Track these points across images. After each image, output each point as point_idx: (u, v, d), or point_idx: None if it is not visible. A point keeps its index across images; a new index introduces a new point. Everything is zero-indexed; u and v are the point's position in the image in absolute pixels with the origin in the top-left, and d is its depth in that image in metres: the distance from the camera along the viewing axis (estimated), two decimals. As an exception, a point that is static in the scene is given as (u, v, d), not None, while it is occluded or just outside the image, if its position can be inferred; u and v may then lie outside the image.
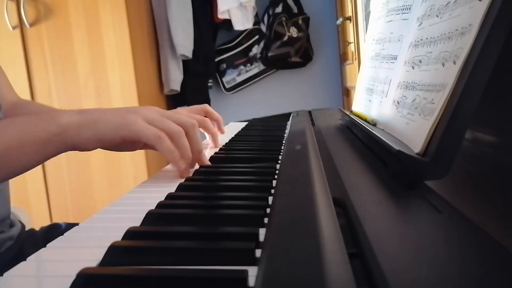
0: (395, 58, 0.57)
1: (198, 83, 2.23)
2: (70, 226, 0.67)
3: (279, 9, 2.20)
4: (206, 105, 0.72)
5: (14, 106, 0.71)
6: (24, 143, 0.46)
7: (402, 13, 0.57)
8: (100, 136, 0.48)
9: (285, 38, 2.17)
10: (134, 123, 0.48)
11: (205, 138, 0.73)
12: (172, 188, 0.45)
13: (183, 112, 0.65)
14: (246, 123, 1.09)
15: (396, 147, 0.39)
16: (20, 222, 0.70)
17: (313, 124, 0.85)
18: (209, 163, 0.56)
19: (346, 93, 2.16)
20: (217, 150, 0.67)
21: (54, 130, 0.47)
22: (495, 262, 0.24)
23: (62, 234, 0.33)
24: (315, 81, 2.36)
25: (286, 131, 0.83)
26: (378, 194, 0.37)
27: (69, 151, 0.50)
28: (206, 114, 0.71)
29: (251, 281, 0.23)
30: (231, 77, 2.35)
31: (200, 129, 0.71)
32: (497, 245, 0.25)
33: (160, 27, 2.08)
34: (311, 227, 0.27)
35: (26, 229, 0.71)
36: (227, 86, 2.36)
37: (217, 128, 0.77)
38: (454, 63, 0.37)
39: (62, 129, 0.47)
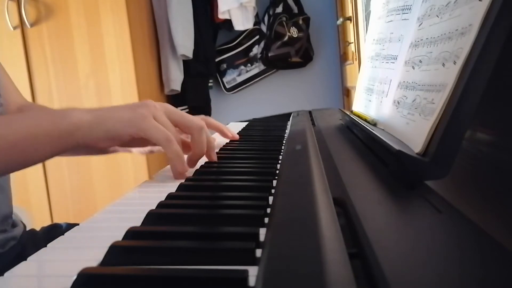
0: (395, 58, 0.57)
1: (198, 83, 2.23)
2: (70, 226, 0.67)
3: (279, 9, 2.20)
4: (205, 116, 0.71)
5: (19, 110, 0.72)
6: (35, 137, 0.46)
7: (403, 13, 0.58)
8: (111, 134, 0.48)
9: (286, 38, 2.17)
10: (143, 120, 0.48)
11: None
12: (172, 188, 0.45)
13: None
14: (247, 123, 1.09)
15: (396, 147, 0.39)
16: (22, 222, 0.70)
17: (313, 124, 0.85)
18: (215, 159, 0.57)
19: (346, 93, 2.16)
20: (217, 150, 0.67)
21: (65, 128, 0.47)
22: (495, 262, 0.24)
23: (63, 235, 0.33)
24: (316, 81, 2.36)
25: (286, 131, 0.83)
26: (378, 194, 0.37)
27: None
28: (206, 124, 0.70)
29: (252, 281, 0.23)
30: (231, 77, 2.35)
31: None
32: (497, 245, 0.25)
33: (161, 27, 2.08)
34: (311, 227, 0.27)
35: (27, 229, 0.71)
36: (227, 86, 2.36)
37: (223, 136, 0.75)
38: (454, 63, 0.37)
39: (74, 127, 0.47)
